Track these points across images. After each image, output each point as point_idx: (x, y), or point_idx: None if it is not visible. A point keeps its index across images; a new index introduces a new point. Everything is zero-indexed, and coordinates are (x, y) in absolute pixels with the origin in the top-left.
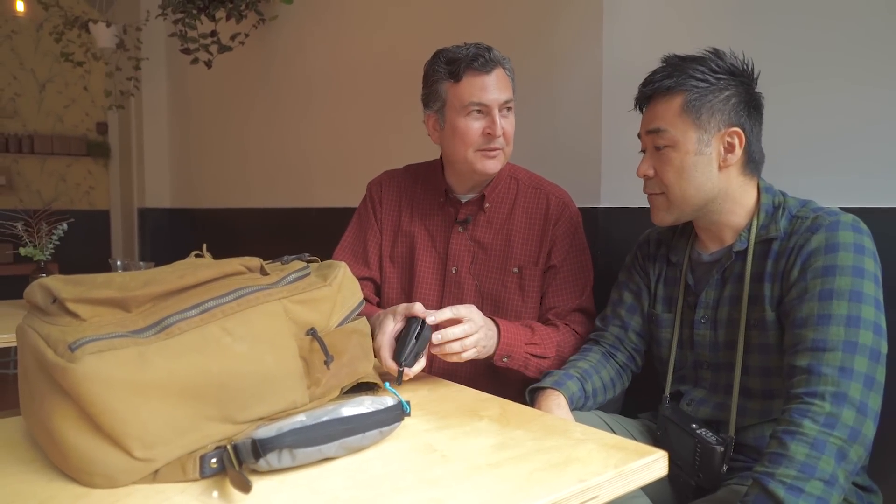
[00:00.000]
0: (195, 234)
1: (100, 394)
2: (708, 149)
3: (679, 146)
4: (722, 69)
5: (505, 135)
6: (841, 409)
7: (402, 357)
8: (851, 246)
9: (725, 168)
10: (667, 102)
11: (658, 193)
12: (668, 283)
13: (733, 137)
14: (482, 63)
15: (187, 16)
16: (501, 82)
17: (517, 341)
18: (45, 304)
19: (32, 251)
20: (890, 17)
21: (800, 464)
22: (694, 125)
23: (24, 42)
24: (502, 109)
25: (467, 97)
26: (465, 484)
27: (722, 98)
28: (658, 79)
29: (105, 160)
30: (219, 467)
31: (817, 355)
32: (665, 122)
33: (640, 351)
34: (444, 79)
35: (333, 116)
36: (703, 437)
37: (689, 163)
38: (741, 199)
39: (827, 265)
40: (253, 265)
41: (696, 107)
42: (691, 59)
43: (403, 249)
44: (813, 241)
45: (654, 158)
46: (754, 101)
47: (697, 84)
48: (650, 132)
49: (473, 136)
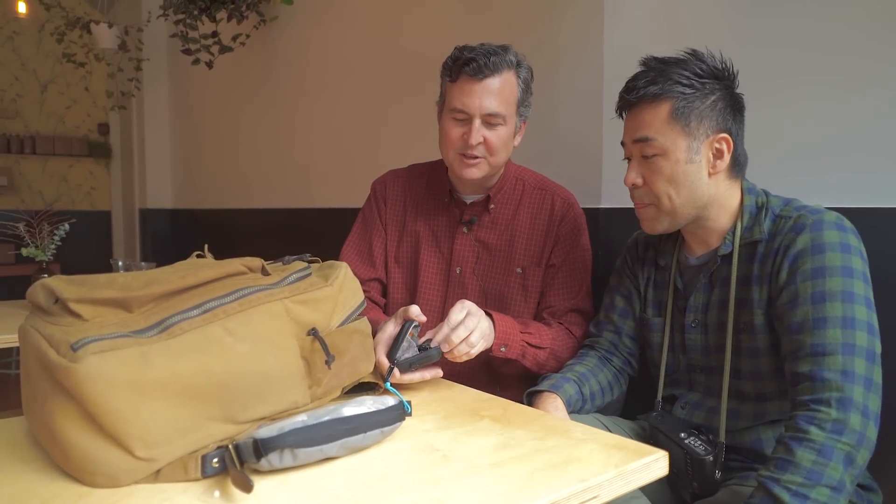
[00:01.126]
0: (197, 235)
1: (102, 394)
2: (698, 156)
3: (669, 155)
4: (706, 73)
5: (488, 146)
6: (848, 415)
7: (394, 356)
8: (838, 245)
9: (715, 174)
10: (653, 110)
11: (647, 204)
12: (658, 286)
13: (722, 143)
14: (474, 69)
15: (188, 16)
16: (493, 92)
17: (512, 329)
18: (48, 305)
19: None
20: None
21: (806, 470)
22: (683, 132)
23: (26, 43)
24: (487, 120)
25: (453, 100)
26: (466, 484)
27: (709, 103)
28: (642, 85)
29: (106, 161)
30: (220, 467)
31: (818, 360)
32: (653, 130)
33: (635, 355)
34: (446, 75)
35: (334, 117)
36: (692, 446)
37: (680, 172)
38: (727, 202)
39: (816, 267)
40: (254, 265)
41: (685, 114)
42: (673, 62)
43: (408, 249)
44: (799, 241)
45: (642, 167)
46: (738, 103)
47: (684, 90)
48: (637, 141)
49: (453, 140)
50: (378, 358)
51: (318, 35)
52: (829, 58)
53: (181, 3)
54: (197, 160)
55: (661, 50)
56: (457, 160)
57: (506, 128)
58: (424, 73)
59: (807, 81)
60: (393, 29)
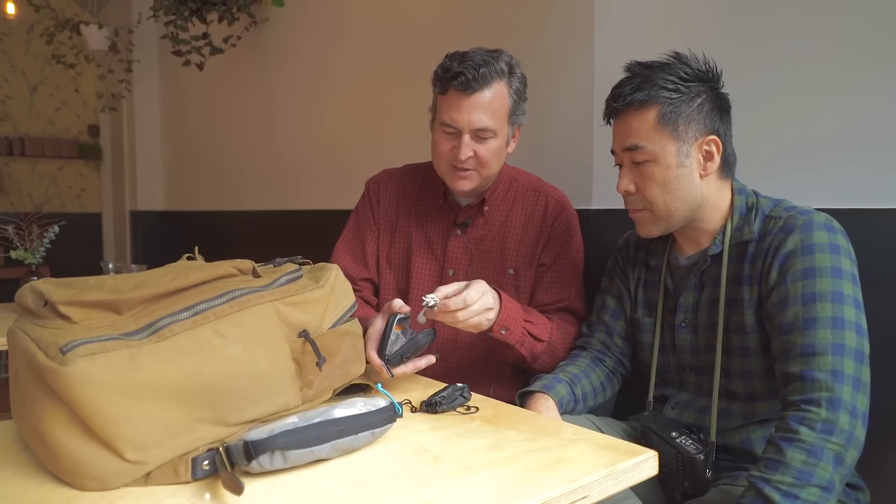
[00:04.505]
0: (187, 237)
1: (91, 396)
2: (688, 160)
3: (660, 161)
4: (691, 76)
5: (479, 160)
6: (837, 415)
7: (384, 352)
8: (827, 246)
9: (706, 176)
10: (640, 116)
11: (641, 210)
12: (648, 286)
13: (711, 145)
14: (462, 83)
15: (179, 18)
16: (483, 106)
17: (516, 315)
18: (37, 307)
19: (23, 254)
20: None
21: (796, 470)
22: (672, 137)
23: (15, 44)
24: (477, 135)
25: (443, 114)
26: (457, 484)
27: (695, 106)
28: (628, 92)
29: (97, 162)
30: (211, 469)
31: (808, 360)
32: (641, 137)
33: (627, 355)
34: (436, 86)
35: (326, 119)
36: (683, 445)
37: (672, 176)
38: (719, 203)
39: (806, 268)
40: (245, 267)
41: (672, 118)
42: (658, 67)
43: (400, 251)
44: (789, 242)
45: (633, 174)
46: (724, 104)
47: (670, 95)
48: (627, 149)
49: (444, 153)
50: (368, 354)
51: (310, 37)
52: (820, 59)
53: (172, 5)
54: (188, 162)
55: (652, 52)
56: (448, 172)
57: (497, 140)
58: (415, 75)
59: (797, 82)
60: (384, 31)
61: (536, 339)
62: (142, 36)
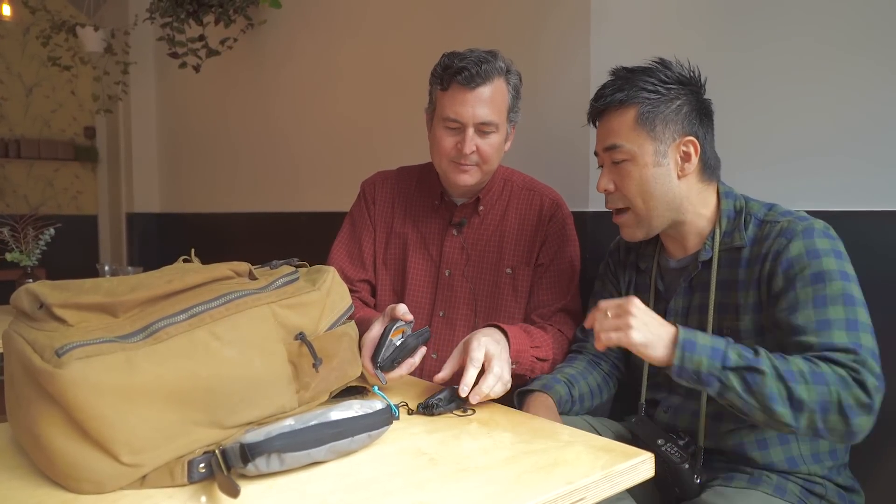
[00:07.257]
0: (184, 239)
1: (87, 399)
2: (665, 160)
3: (637, 160)
4: (671, 79)
5: (481, 154)
6: (864, 375)
7: (377, 359)
8: (831, 252)
9: (685, 177)
10: (620, 116)
11: (623, 209)
12: (639, 290)
13: (688, 146)
14: (466, 77)
15: (175, 20)
16: (485, 101)
17: (524, 346)
18: (32, 310)
19: (19, 256)
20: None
21: (789, 362)
22: (649, 137)
23: (11, 46)
24: (480, 129)
25: (446, 109)
26: (453, 487)
27: (674, 108)
28: (609, 93)
29: (93, 164)
30: (207, 472)
31: (829, 356)
32: (620, 137)
33: (622, 358)
34: (436, 83)
35: (322, 120)
36: (668, 453)
37: (649, 175)
38: (702, 205)
39: (815, 272)
40: (241, 270)
41: (650, 118)
42: (640, 70)
43: (396, 252)
44: (792, 248)
45: (613, 173)
46: (704, 108)
47: (649, 96)
48: (608, 149)
49: (446, 149)
50: (363, 364)
51: (306, 39)
52: (813, 63)
53: (168, 7)
54: (184, 164)
55: (648, 53)
56: (450, 167)
57: (498, 135)
58: (412, 76)
59: (790, 87)
60: (380, 33)
61: (544, 360)
62: (138, 38)
